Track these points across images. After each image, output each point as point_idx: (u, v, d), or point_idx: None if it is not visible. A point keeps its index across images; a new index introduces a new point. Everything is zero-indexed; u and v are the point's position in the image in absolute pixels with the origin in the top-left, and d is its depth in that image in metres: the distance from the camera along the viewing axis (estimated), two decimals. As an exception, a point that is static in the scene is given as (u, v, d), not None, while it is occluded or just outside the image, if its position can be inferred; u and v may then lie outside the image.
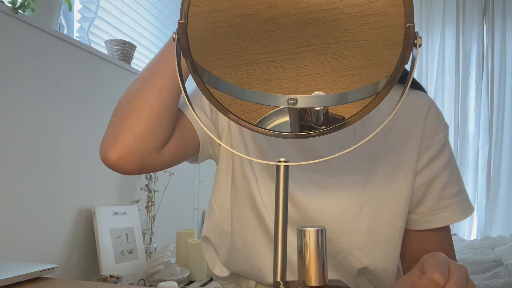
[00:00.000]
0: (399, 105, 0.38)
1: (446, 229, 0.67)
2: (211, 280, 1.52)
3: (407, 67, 0.40)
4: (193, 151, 0.68)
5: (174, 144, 0.63)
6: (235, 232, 0.69)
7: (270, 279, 0.65)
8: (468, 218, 2.92)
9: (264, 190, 0.65)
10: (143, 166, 0.60)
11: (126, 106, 0.59)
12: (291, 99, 0.40)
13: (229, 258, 0.70)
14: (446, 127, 0.67)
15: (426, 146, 0.64)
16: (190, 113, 0.65)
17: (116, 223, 1.33)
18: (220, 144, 0.70)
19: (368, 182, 0.63)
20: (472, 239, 2.79)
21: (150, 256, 1.47)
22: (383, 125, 0.39)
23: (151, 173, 1.55)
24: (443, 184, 0.64)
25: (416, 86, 0.70)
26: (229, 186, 0.70)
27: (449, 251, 0.67)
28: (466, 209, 0.66)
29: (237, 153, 0.43)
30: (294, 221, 0.64)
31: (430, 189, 0.65)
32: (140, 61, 1.82)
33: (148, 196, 1.55)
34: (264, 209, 0.65)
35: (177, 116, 0.63)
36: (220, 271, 0.73)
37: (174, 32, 0.42)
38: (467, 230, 2.98)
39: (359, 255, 0.62)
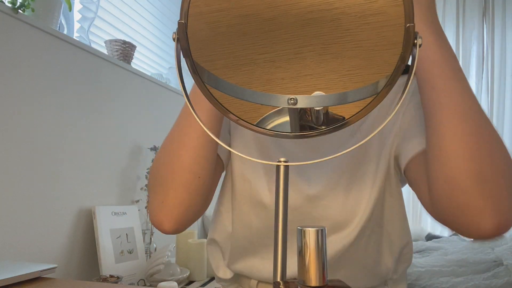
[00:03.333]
0: (399, 104, 0.38)
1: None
2: (211, 280, 1.53)
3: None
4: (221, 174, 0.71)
5: (214, 188, 0.66)
6: (239, 234, 0.70)
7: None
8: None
9: (269, 189, 0.66)
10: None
11: (170, 176, 0.60)
12: (291, 99, 0.40)
13: (235, 258, 0.72)
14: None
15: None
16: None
17: (116, 223, 1.33)
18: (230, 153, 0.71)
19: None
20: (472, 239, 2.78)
21: (150, 256, 1.47)
22: (383, 124, 0.39)
23: (151, 173, 1.55)
24: (412, 115, 0.62)
25: None
26: (231, 190, 0.72)
27: None
28: None
29: (237, 153, 0.43)
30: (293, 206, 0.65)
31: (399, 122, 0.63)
32: (140, 61, 1.82)
33: (148, 196, 1.55)
34: (270, 205, 0.66)
35: None
36: (224, 273, 0.75)
37: (174, 32, 0.42)
38: (467, 230, 2.97)
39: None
